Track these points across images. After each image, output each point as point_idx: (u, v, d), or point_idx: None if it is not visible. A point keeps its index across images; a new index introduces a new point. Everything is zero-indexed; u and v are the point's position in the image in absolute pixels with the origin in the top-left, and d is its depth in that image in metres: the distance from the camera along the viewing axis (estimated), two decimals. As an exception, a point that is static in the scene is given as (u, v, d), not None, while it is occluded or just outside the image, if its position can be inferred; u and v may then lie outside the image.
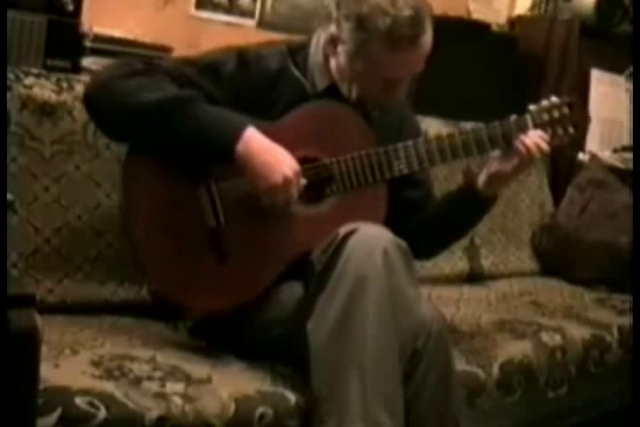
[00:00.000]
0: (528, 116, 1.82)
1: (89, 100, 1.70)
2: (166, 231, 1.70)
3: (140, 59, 1.75)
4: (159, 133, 1.65)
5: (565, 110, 1.85)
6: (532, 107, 1.84)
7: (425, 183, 2.01)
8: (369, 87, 1.77)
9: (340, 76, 1.79)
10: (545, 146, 1.80)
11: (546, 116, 1.83)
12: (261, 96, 1.76)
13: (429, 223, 1.94)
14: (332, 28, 1.74)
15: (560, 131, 1.84)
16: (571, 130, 1.85)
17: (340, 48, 1.75)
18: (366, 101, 1.81)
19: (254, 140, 1.65)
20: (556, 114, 1.84)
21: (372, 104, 1.83)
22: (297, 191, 1.67)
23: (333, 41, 1.76)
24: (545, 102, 1.85)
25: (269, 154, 1.65)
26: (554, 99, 1.86)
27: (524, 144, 1.79)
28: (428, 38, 1.72)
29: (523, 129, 1.80)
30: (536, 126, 1.81)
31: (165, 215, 1.71)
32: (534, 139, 1.79)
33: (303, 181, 1.69)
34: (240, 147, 1.63)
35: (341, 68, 1.77)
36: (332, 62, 1.79)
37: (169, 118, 1.63)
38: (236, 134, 1.64)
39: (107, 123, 1.71)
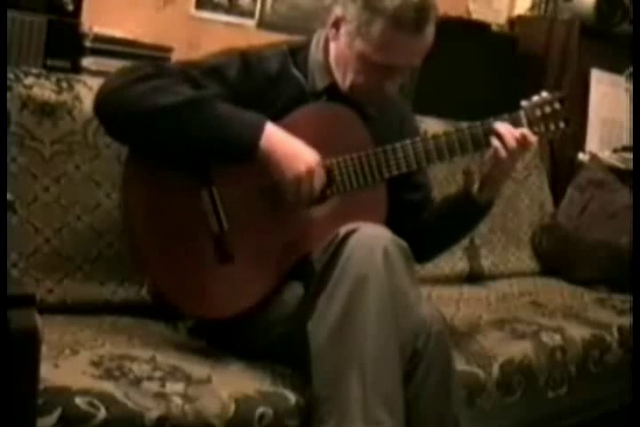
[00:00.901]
0: (522, 112, 1.82)
1: (102, 106, 1.68)
2: (168, 235, 1.70)
3: (147, 62, 1.74)
4: (177, 135, 1.64)
5: (557, 105, 1.85)
6: (524, 103, 1.84)
7: (424, 186, 2.01)
8: (364, 74, 1.75)
9: (337, 61, 1.78)
10: (518, 137, 1.77)
11: (538, 112, 1.83)
12: (262, 97, 1.76)
13: (427, 227, 1.94)
14: (338, 10, 1.75)
15: (552, 126, 1.85)
16: (562, 125, 1.86)
17: (343, 29, 1.75)
18: (358, 93, 1.79)
19: (275, 134, 1.66)
20: (547, 109, 1.84)
21: (365, 97, 1.81)
22: (320, 182, 1.68)
23: (337, 23, 1.76)
24: (536, 98, 1.85)
25: (291, 146, 1.66)
26: (545, 94, 1.86)
27: (503, 143, 1.78)
28: (431, 31, 1.72)
29: (517, 125, 1.80)
30: (530, 122, 1.82)
31: (167, 219, 1.70)
32: (512, 135, 1.78)
33: (323, 174, 1.69)
34: (263, 142, 1.64)
35: (340, 50, 1.76)
36: (332, 48, 1.79)
37: (188, 120, 1.63)
38: (258, 131, 1.64)
39: (122, 128, 1.68)
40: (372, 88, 1.78)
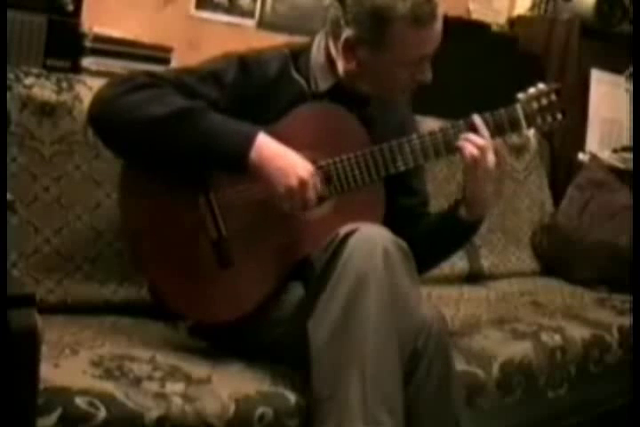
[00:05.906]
0: (518, 106, 1.81)
1: (95, 117, 1.68)
2: (167, 241, 1.70)
3: (141, 71, 1.74)
4: (169, 146, 1.64)
5: (553, 97, 1.84)
6: (520, 95, 1.83)
7: (420, 192, 2.00)
8: (403, 74, 1.76)
9: (363, 76, 1.77)
10: (490, 157, 1.74)
11: (535, 104, 1.82)
12: (262, 100, 1.75)
13: (417, 244, 1.91)
14: (348, 32, 1.72)
15: (549, 118, 1.84)
16: (559, 116, 1.85)
17: (362, 51, 1.73)
18: (399, 92, 1.82)
19: (266, 146, 1.64)
20: (544, 101, 1.83)
21: (405, 92, 1.84)
22: (315, 193, 1.66)
23: (351, 45, 1.73)
24: (533, 90, 1.84)
25: (283, 158, 1.64)
26: (541, 86, 1.85)
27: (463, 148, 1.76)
28: (440, 8, 1.74)
29: (513, 118, 1.80)
30: (526, 115, 1.81)
31: (166, 226, 1.70)
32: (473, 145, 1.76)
33: (319, 183, 1.68)
34: (253, 154, 1.63)
35: (367, 67, 1.75)
36: (351, 66, 1.76)
37: (179, 131, 1.62)
38: (249, 142, 1.63)
39: (115, 139, 1.69)
40: (411, 82, 1.79)
